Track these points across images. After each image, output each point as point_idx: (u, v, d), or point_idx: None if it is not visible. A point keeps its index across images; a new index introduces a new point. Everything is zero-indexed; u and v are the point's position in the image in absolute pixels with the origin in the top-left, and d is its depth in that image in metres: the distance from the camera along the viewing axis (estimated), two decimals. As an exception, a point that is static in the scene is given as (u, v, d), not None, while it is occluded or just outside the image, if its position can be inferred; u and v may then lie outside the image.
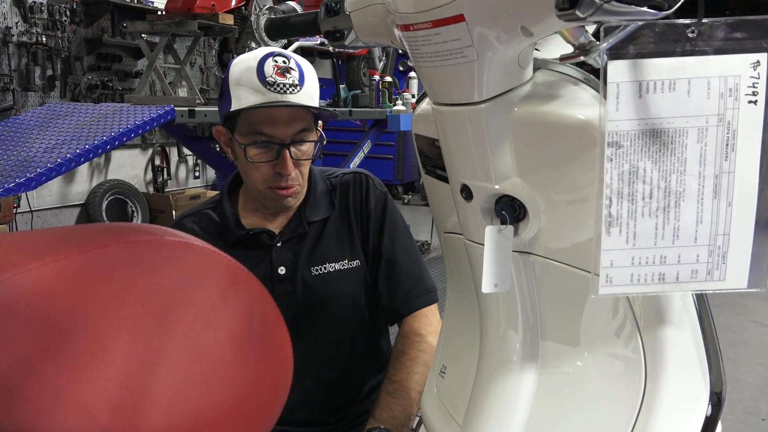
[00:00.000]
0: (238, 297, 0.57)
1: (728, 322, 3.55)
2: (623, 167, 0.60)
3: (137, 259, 0.50)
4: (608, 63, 0.58)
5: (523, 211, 0.75)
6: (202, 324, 0.52)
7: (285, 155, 1.14)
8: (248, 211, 1.27)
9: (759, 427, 2.46)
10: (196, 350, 0.51)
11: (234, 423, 0.53)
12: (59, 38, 4.80)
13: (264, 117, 1.13)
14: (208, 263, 0.56)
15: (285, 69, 1.12)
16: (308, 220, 1.24)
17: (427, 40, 0.68)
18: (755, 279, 0.61)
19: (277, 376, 0.60)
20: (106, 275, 0.48)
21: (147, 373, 0.47)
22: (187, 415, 0.48)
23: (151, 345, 0.48)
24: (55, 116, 2.76)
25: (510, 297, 0.81)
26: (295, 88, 1.13)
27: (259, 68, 1.11)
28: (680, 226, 0.60)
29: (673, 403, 0.73)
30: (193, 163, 6.25)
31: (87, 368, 0.44)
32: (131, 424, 0.45)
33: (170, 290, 0.51)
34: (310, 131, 1.18)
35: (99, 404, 0.44)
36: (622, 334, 0.76)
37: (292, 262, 1.22)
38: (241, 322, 0.56)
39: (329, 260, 1.23)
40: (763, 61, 0.57)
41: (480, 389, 0.86)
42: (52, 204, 4.94)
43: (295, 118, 1.14)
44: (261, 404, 0.57)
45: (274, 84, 1.11)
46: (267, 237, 1.23)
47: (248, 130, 1.14)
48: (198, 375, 0.50)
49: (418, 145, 0.92)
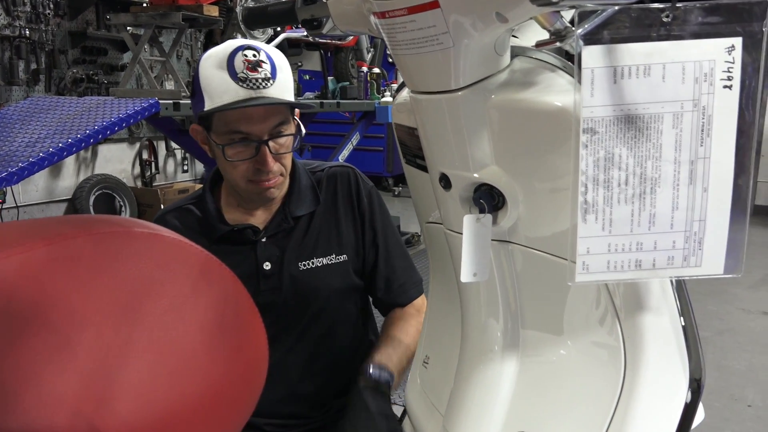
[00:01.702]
0: (211, 288, 0.56)
1: (716, 309, 3.57)
2: (599, 154, 0.59)
3: (104, 250, 0.49)
4: (583, 48, 0.58)
5: (502, 199, 0.74)
6: (172, 316, 0.51)
7: (264, 151, 1.12)
8: (231, 206, 1.25)
9: (745, 413, 2.48)
10: (166, 342, 0.50)
11: (205, 416, 0.52)
12: (43, 31, 4.73)
13: (239, 115, 1.10)
14: (178, 254, 0.55)
15: (256, 63, 1.09)
16: (293, 215, 1.23)
17: (403, 27, 0.67)
18: (731, 264, 0.61)
19: (251, 368, 0.59)
20: (71, 267, 0.47)
21: (113, 366, 0.46)
22: (156, 409, 0.48)
23: (118, 337, 0.47)
24: (38, 110, 2.72)
25: (490, 286, 0.81)
26: (267, 81, 1.09)
27: (229, 64, 1.08)
28: (656, 212, 0.60)
29: (652, 390, 0.73)
30: (181, 156, 6.21)
31: (49, 362, 0.43)
32: (96, 419, 0.44)
33: (138, 281, 0.50)
34: (287, 124, 1.15)
35: (62, 399, 0.43)
36: (601, 322, 0.76)
37: (277, 257, 1.21)
38: (213, 314, 0.55)
39: (316, 255, 1.22)
40: (737, 46, 0.57)
41: (462, 379, 0.86)
42: (39, 199, 4.90)
43: (271, 112, 1.12)
44: (234, 397, 0.56)
45: (246, 80, 1.08)
46: (251, 233, 1.21)
47: (224, 129, 1.12)
48: (167, 368, 0.49)
49: (398, 135, 0.92)
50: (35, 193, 4.87)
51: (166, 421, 0.48)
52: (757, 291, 3.92)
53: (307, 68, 6.30)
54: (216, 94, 1.08)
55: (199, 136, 1.19)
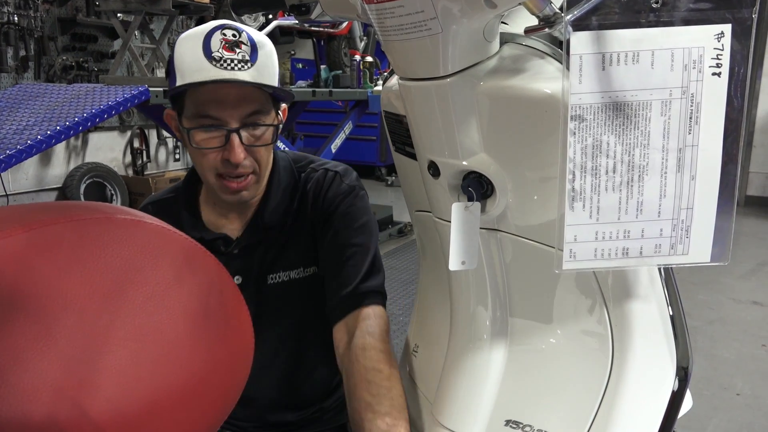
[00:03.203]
0: (194, 276, 0.55)
1: (706, 299, 3.60)
2: (586, 141, 0.59)
3: (85, 237, 0.48)
4: (572, 35, 0.57)
5: (491, 187, 0.74)
6: (155, 303, 0.51)
7: (233, 140, 1.00)
8: (208, 204, 1.16)
9: (734, 402, 2.50)
10: (148, 330, 0.49)
11: (189, 404, 0.52)
12: (32, 18, 4.67)
13: (210, 97, 0.99)
14: (161, 241, 0.54)
15: (234, 43, 0.99)
16: (266, 226, 1.12)
17: (391, 12, 0.66)
18: (718, 253, 0.61)
19: (236, 357, 0.59)
20: (50, 254, 0.46)
21: (95, 352, 0.45)
22: (138, 398, 0.47)
23: (99, 325, 0.46)
24: (27, 97, 2.70)
25: (479, 275, 0.81)
26: (244, 64, 0.99)
27: (205, 42, 0.99)
28: (644, 200, 0.60)
29: (639, 378, 0.73)
30: (173, 145, 6.17)
31: (28, 350, 0.43)
32: (77, 408, 0.44)
33: (120, 268, 0.49)
34: (264, 114, 1.03)
35: (41, 388, 0.43)
36: (590, 311, 0.76)
37: (247, 271, 1.13)
38: (197, 302, 0.54)
39: (284, 268, 1.14)
40: (727, 33, 0.56)
41: (450, 367, 0.86)
42: (29, 188, 4.86)
43: (246, 98, 1.00)
44: (218, 386, 0.56)
45: (220, 60, 0.98)
46: (222, 243, 1.12)
47: (194, 112, 1.01)
48: (150, 356, 0.49)
49: (387, 122, 0.91)
50: (25, 181, 4.84)
51: (150, 407, 0.48)
52: (748, 281, 3.95)
53: (300, 57, 6.27)
54: (188, 72, 0.99)
55: (173, 122, 1.09)
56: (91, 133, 5.31)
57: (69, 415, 0.43)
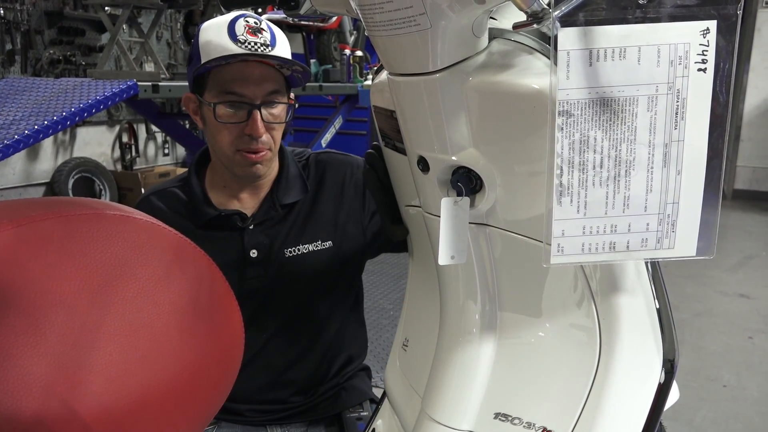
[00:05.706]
0: (184, 272, 0.55)
1: (694, 292, 3.63)
2: (574, 136, 0.59)
3: (74, 233, 0.48)
4: (559, 30, 0.57)
5: (480, 182, 0.74)
6: (145, 299, 0.51)
7: (255, 116, 1.10)
8: (217, 188, 1.23)
9: (720, 393, 2.53)
10: (138, 326, 0.49)
11: (180, 399, 0.52)
12: (18, 11, 4.62)
13: (235, 75, 1.10)
14: (151, 237, 0.54)
15: (256, 29, 1.10)
16: (281, 203, 1.21)
17: (380, 7, 0.66)
18: (704, 247, 0.62)
19: (226, 352, 0.59)
20: (39, 249, 0.46)
21: (83, 350, 0.45)
22: (128, 394, 0.47)
23: (88, 321, 0.46)
24: (14, 91, 2.67)
25: (468, 269, 0.81)
26: (266, 47, 1.10)
27: (230, 28, 1.09)
28: (630, 195, 0.60)
29: (626, 370, 0.74)
30: (162, 140, 6.13)
31: (17, 346, 0.43)
32: (66, 405, 0.44)
33: (110, 264, 0.49)
34: (281, 94, 1.15)
35: (30, 384, 0.43)
36: (578, 304, 0.76)
37: (265, 245, 1.20)
38: (187, 297, 0.54)
39: (302, 241, 1.21)
40: (712, 29, 0.57)
41: (440, 361, 0.87)
42: (16, 183, 4.82)
43: (267, 78, 1.12)
44: (209, 380, 0.56)
45: (245, 42, 1.08)
46: (239, 219, 1.20)
47: (218, 89, 1.11)
48: (140, 350, 0.49)
49: (376, 117, 0.91)
50: (12, 176, 4.80)
51: (140, 403, 0.48)
52: (735, 274, 3.99)
53: (290, 51, 6.23)
54: (214, 53, 1.08)
55: (192, 104, 1.18)
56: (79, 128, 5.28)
57: (58, 412, 0.43)
